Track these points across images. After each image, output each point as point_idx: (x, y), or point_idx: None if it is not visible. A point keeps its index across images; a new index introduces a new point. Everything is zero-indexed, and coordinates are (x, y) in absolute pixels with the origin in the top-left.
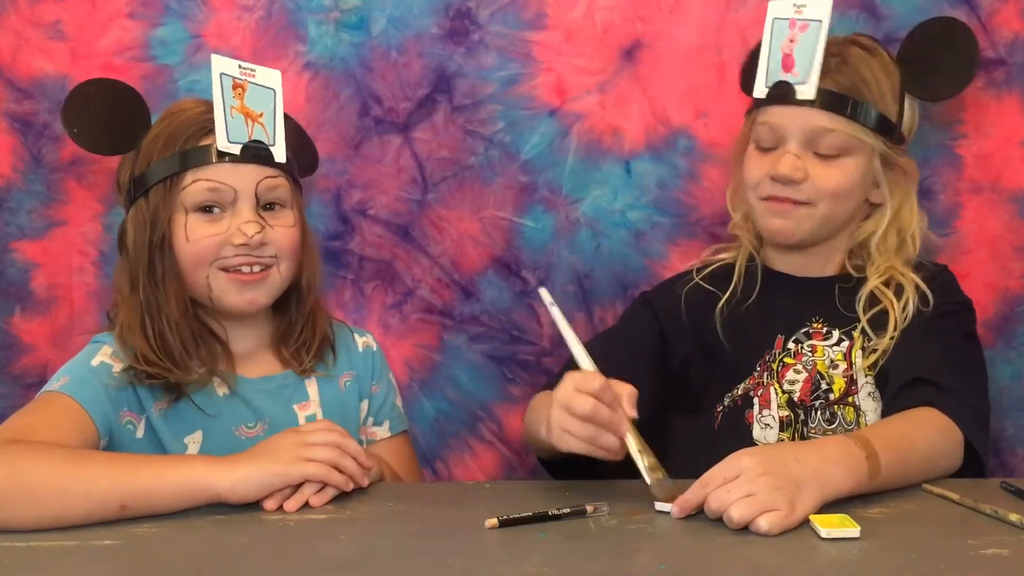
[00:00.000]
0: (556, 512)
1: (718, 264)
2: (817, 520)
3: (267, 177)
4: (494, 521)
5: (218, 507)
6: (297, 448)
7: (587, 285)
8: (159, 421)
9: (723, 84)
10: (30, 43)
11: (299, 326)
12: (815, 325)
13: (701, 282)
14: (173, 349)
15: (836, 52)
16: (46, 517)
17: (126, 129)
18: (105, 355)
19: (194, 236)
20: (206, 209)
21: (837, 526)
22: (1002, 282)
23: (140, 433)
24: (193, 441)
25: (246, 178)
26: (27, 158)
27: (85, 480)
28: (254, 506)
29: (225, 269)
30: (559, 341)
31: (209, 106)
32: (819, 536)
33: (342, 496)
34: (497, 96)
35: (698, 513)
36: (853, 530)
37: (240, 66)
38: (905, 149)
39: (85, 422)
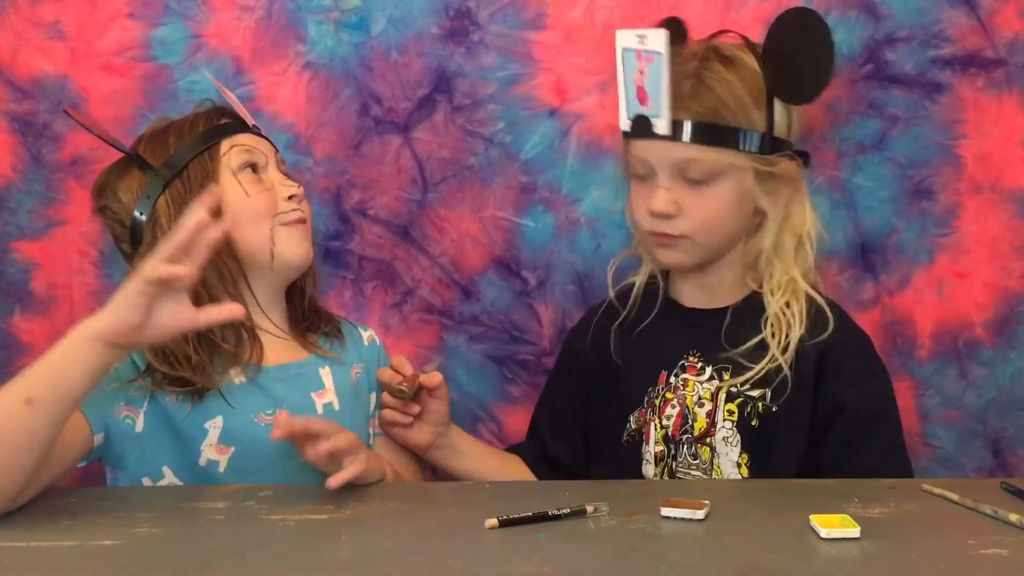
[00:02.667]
0: (556, 512)
1: (625, 285)
2: (817, 520)
3: (276, 153)
4: (494, 521)
5: (218, 507)
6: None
7: (587, 285)
8: (175, 407)
9: None
10: (30, 43)
11: (303, 308)
12: (691, 359)
13: (614, 300)
14: (214, 336)
15: (692, 73)
16: None
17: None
18: None
19: (253, 191)
20: (250, 168)
21: (837, 526)
22: (1002, 282)
23: (139, 428)
24: (214, 426)
25: (267, 147)
26: (27, 158)
27: None
28: (254, 506)
29: (283, 225)
30: (559, 342)
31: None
32: (819, 536)
33: (342, 496)
34: (497, 96)
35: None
36: (853, 530)
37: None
38: (791, 149)
39: (76, 418)
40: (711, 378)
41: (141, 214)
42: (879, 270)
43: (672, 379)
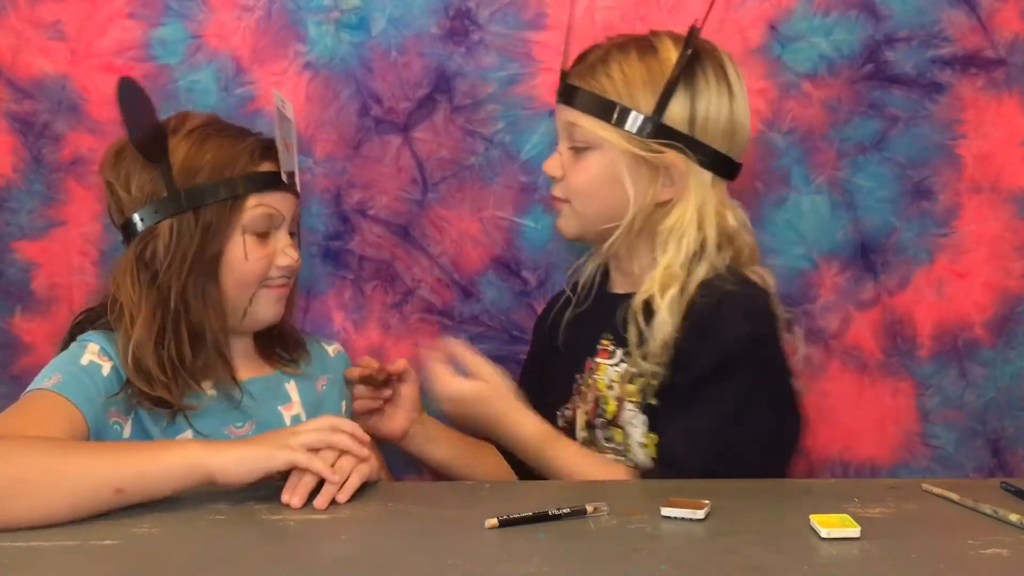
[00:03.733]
0: (556, 512)
1: (580, 274)
2: (817, 520)
3: (296, 205)
4: (494, 521)
5: (218, 507)
6: (286, 436)
7: None
8: (149, 419)
9: None
10: (30, 43)
11: (271, 336)
12: (604, 343)
13: (567, 290)
14: (186, 364)
15: (604, 52)
16: (38, 509)
17: (152, 135)
18: (93, 354)
19: (252, 256)
20: (260, 232)
21: (837, 526)
22: (1002, 282)
23: (127, 434)
24: (184, 439)
25: (289, 205)
26: (27, 158)
27: (80, 466)
28: (254, 506)
29: (265, 287)
30: None
31: (231, 124)
32: (819, 536)
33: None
34: (497, 96)
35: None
36: (853, 530)
37: (283, 99)
38: (692, 144)
39: (76, 420)
40: (620, 361)
41: (142, 220)
42: (879, 270)
43: (593, 364)
